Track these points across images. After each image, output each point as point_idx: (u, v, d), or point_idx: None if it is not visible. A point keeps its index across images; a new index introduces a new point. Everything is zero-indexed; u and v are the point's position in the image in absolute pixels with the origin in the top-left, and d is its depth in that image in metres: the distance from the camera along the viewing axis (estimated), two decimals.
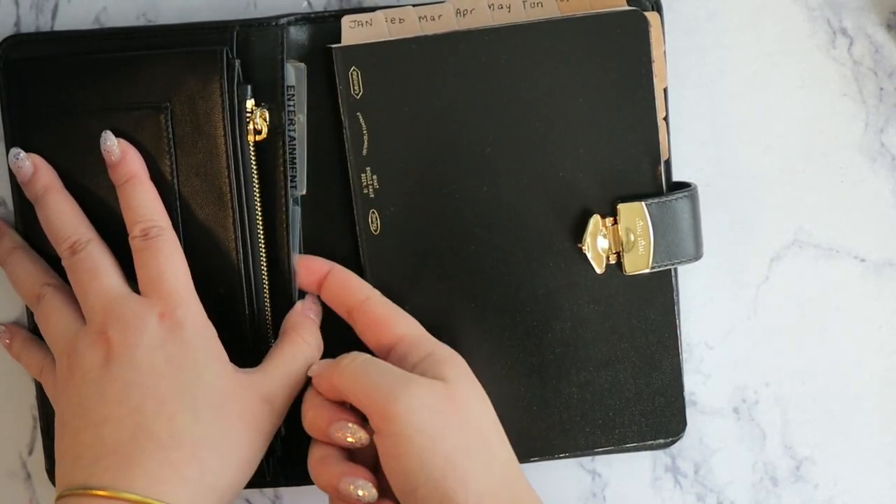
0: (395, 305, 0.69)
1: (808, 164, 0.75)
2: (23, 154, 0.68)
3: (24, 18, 0.72)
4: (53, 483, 0.72)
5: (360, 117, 0.70)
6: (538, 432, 0.72)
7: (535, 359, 0.72)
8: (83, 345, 0.65)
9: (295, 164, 0.70)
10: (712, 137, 0.75)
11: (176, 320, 0.65)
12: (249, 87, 0.68)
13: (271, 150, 0.69)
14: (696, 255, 0.71)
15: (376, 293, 0.69)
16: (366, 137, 0.70)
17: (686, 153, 0.75)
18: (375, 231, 0.70)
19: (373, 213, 0.70)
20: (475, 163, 0.70)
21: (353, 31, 0.70)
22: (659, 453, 0.75)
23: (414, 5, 0.70)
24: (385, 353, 0.68)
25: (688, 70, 0.74)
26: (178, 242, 0.67)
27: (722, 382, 0.76)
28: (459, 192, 0.70)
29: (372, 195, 0.70)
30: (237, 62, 0.68)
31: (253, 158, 0.69)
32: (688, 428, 0.76)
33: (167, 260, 0.66)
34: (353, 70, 0.69)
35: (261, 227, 0.69)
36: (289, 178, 0.70)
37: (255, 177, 0.69)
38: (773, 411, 0.76)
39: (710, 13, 0.74)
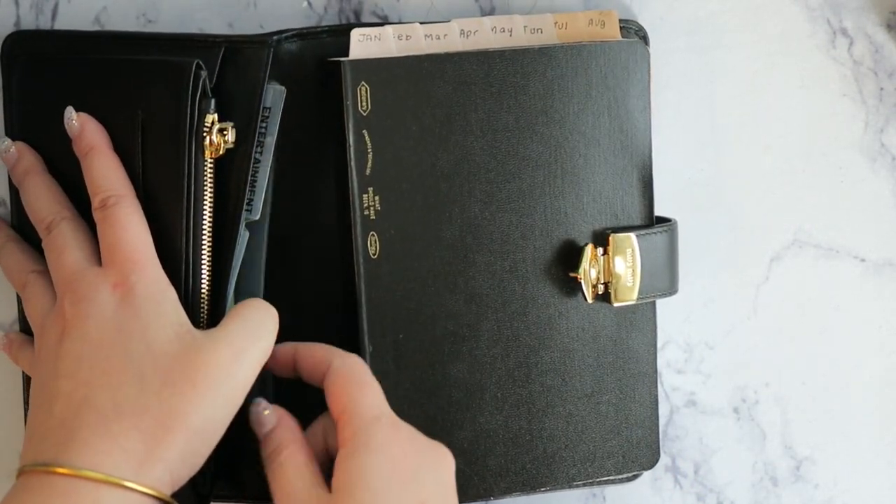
0: (353, 371, 0.64)
1: (808, 164, 0.75)
2: (8, 141, 0.68)
3: (24, 18, 0.72)
4: None
5: (366, 135, 0.67)
6: (521, 466, 0.71)
7: (524, 390, 0.71)
8: (47, 323, 0.64)
9: (254, 187, 0.68)
10: (712, 137, 0.75)
11: (128, 288, 0.63)
12: (213, 101, 0.66)
13: (232, 169, 0.67)
14: (672, 290, 0.71)
15: (338, 361, 0.65)
16: (370, 156, 0.67)
17: (686, 153, 0.75)
18: (374, 255, 0.68)
19: (372, 235, 0.68)
20: (478, 187, 0.69)
21: (362, 45, 0.68)
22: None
23: (421, 23, 0.70)
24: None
25: (688, 70, 0.74)
26: (137, 209, 0.65)
27: (722, 382, 0.76)
28: (461, 216, 0.69)
29: (373, 217, 0.68)
30: (204, 73, 0.66)
31: (211, 175, 0.66)
32: (688, 428, 0.76)
33: (123, 227, 0.64)
34: (363, 85, 0.67)
35: (207, 247, 0.66)
36: (244, 200, 0.67)
37: (210, 194, 0.66)
38: (773, 411, 0.77)
39: (710, 13, 0.74)
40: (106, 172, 0.65)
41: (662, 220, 0.72)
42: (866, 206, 0.76)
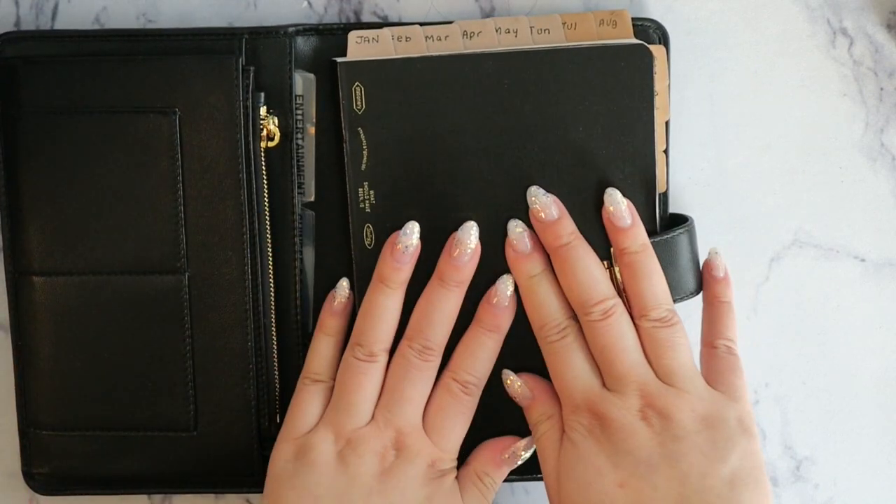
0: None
1: (808, 164, 0.75)
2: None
3: (25, 18, 0.72)
4: (29, 485, 0.73)
5: (361, 132, 0.69)
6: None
7: None
8: (320, 441, 0.68)
9: (303, 170, 0.71)
10: (712, 137, 0.75)
11: (441, 472, 0.68)
12: (262, 95, 0.69)
13: (279, 156, 0.70)
14: (697, 291, 0.71)
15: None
16: (365, 153, 0.70)
17: (686, 153, 0.75)
18: (370, 245, 0.70)
19: (368, 227, 0.70)
20: (472, 185, 0.70)
21: (359, 47, 0.70)
22: None
23: (421, 24, 0.70)
24: None
25: (688, 70, 0.74)
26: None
27: None
28: (454, 212, 0.70)
29: (368, 210, 0.70)
30: (252, 70, 0.69)
31: (264, 164, 0.70)
32: None
33: (454, 419, 0.69)
34: (357, 85, 0.69)
35: (268, 230, 0.70)
36: (297, 184, 0.71)
37: (265, 182, 0.70)
38: (773, 411, 0.77)
39: (710, 13, 0.74)
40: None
41: (678, 218, 0.72)
42: (866, 206, 0.76)
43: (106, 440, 0.71)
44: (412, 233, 0.69)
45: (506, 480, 0.71)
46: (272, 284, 0.70)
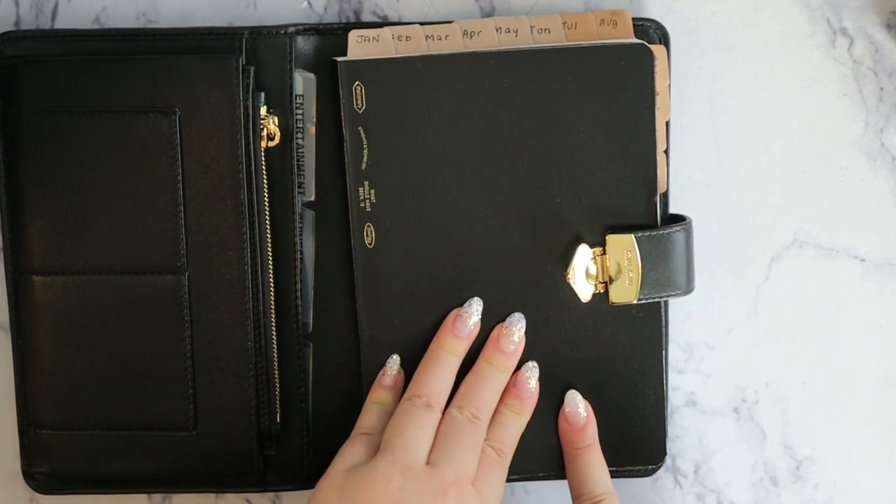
0: None
1: (808, 164, 0.75)
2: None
3: (25, 18, 0.73)
4: (29, 484, 0.73)
5: (362, 131, 0.70)
6: (519, 452, 0.71)
7: None
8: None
9: (303, 170, 0.71)
10: (712, 137, 0.75)
11: None
12: (263, 94, 0.69)
13: (280, 155, 0.70)
14: (688, 289, 0.71)
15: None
16: (365, 152, 0.70)
17: (686, 153, 0.75)
18: (370, 244, 0.71)
19: (368, 226, 0.70)
20: (473, 183, 0.70)
21: (360, 46, 0.70)
22: None
23: (422, 23, 0.70)
24: None
25: (688, 70, 0.74)
26: None
27: (722, 382, 0.76)
28: (455, 210, 0.70)
29: (368, 209, 0.70)
30: (252, 69, 0.69)
31: (264, 164, 0.70)
32: (688, 428, 0.76)
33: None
34: (357, 84, 0.69)
35: (268, 229, 0.70)
36: (297, 184, 0.71)
37: (266, 182, 0.70)
38: (773, 411, 0.77)
39: (710, 13, 0.74)
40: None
41: (677, 219, 0.72)
42: (866, 206, 0.76)
43: (106, 439, 0.71)
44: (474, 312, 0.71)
45: (506, 480, 0.71)
46: (272, 284, 0.70)
